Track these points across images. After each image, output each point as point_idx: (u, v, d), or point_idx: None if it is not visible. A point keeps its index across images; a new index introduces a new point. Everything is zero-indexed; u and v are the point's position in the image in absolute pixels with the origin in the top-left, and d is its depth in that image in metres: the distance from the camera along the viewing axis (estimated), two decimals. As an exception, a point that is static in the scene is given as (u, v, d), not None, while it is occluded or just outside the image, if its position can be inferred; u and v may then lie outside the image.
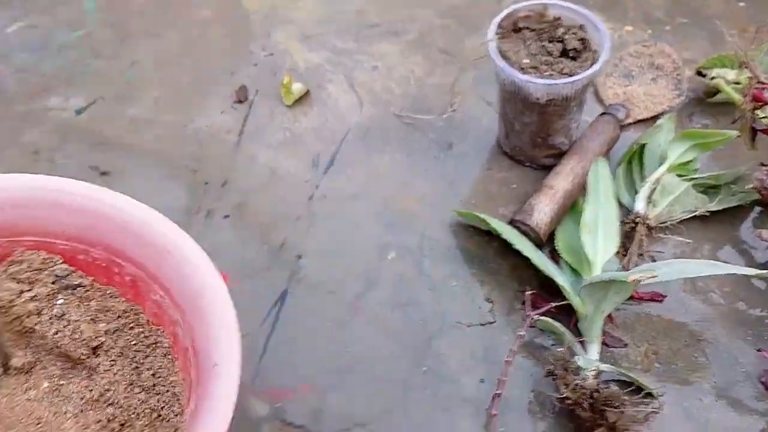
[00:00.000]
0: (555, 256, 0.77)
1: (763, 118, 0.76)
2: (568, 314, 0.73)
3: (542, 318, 0.69)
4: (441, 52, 1.02)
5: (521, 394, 0.69)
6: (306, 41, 1.04)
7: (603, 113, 0.85)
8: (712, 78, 0.90)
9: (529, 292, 0.72)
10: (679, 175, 0.80)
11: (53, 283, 0.61)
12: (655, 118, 0.90)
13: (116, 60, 1.01)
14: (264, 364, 0.72)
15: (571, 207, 0.79)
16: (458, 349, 0.72)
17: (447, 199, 0.85)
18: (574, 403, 0.64)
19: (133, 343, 0.60)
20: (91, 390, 0.57)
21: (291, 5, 1.09)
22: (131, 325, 0.61)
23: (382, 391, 0.69)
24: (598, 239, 0.72)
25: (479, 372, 0.70)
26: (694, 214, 0.78)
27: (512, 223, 0.77)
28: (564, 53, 0.78)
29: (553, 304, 0.71)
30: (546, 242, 0.77)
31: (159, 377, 0.59)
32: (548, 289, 0.75)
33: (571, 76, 0.75)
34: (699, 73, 0.92)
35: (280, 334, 0.74)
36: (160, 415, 0.57)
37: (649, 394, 0.67)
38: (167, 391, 0.58)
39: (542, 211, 0.75)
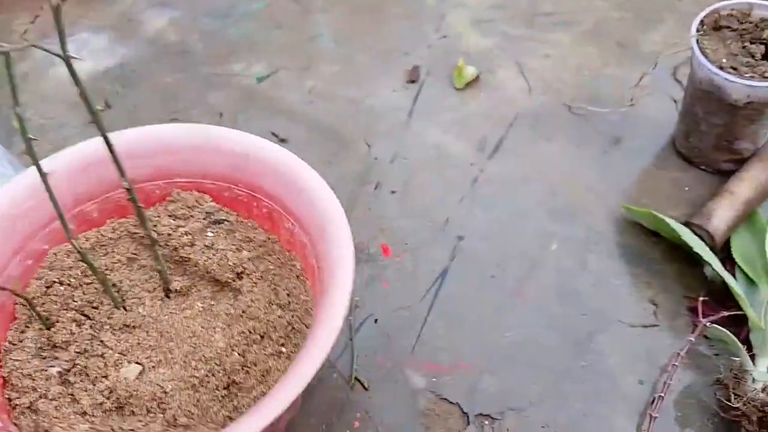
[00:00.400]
0: (727, 265, 0.74)
1: None
2: (735, 325, 0.71)
3: (714, 326, 0.67)
4: (617, 45, 1.00)
5: (679, 400, 0.68)
6: (478, 25, 1.05)
7: (792, 121, 0.81)
8: None
9: (701, 299, 0.70)
10: None
11: (204, 218, 0.68)
12: None
13: (297, 32, 1.06)
14: (422, 338, 0.74)
15: (749, 215, 0.76)
16: (619, 348, 0.72)
17: (615, 195, 0.84)
18: (741, 415, 0.62)
19: (272, 267, 0.67)
20: (236, 308, 0.63)
21: (466, -12, 1.10)
22: (270, 252, 0.68)
23: (539, 379, 0.70)
24: (784, 252, 0.70)
25: (639, 373, 0.70)
26: None
27: (687, 225, 0.75)
28: (766, 56, 0.74)
29: (727, 313, 0.69)
30: (719, 250, 0.75)
31: (293, 296, 0.65)
32: (716, 297, 0.73)
33: (773, 80, 0.72)
34: None
35: (440, 310, 0.76)
36: (293, 328, 0.63)
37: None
38: (300, 307, 0.64)
39: (721, 217, 0.73)
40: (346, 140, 0.92)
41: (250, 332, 0.61)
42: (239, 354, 0.60)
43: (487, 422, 0.68)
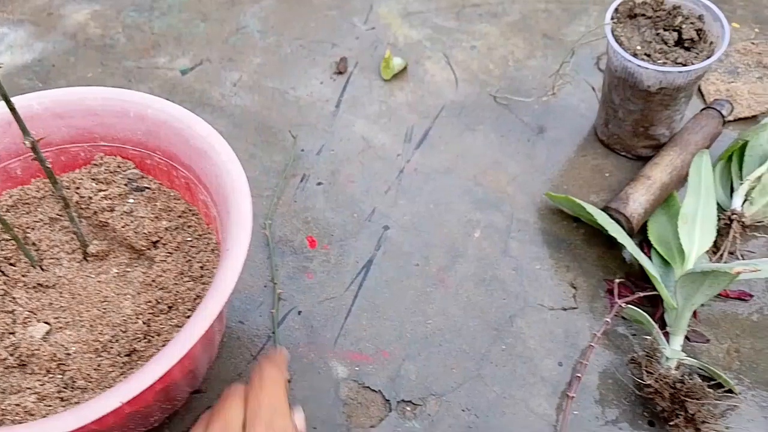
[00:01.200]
0: (644, 248, 0.76)
1: None
2: (652, 305, 0.73)
3: (629, 306, 0.69)
4: (542, 36, 1.02)
5: (597, 380, 0.69)
6: (407, 17, 1.05)
7: (707, 107, 0.83)
8: (825, 79, 0.86)
9: (618, 280, 0.71)
10: (782, 176, 0.78)
11: (126, 184, 0.69)
12: (756, 117, 0.87)
13: (223, 24, 1.05)
14: (346, 328, 0.74)
15: (665, 199, 0.78)
16: (539, 331, 0.72)
17: (537, 182, 0.85)
18: (654, 392, 0.63)
19: (189, 239, 0.67)
20: (148, 276, 0.64)
21: (394, -19, 1.11)
22: (189, 223, 0.68)
23: (460, 365, 0.70)
24: (696, 232, 0.71)
25: (558, 355, 0.71)
26: (793, 216, 0.76)
27: (606, 210, 0.76)
28: (678, 43, 0.76)
29: (642, 294, 0.70)
30: (636, 233, 0.77)
31: (206, 269, 0.65)
32: (634, 279, 0.75)
33: (685, 65, 0.73)
34: (810, 74, 0.89)
35: (364, 301, 0.76)
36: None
37: (729, 391, 0.65)
38: (212, 281, 0.63)
39: (638, 200, 0.75)
40: (271, 132, 0.91)
41: (158, 302, 0.62)
42: (143, 322, 0.60)
43: (408, 408, 0.68)
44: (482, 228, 0.81)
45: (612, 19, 0.78)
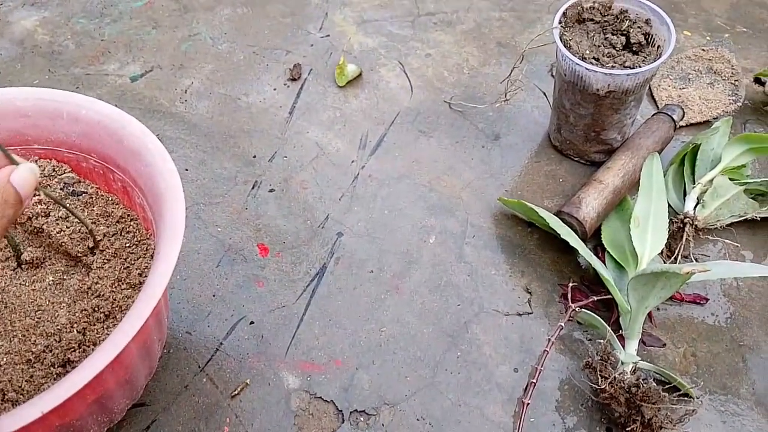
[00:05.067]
0: (599, 252, 0.76)
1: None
2: (608, 310, 0.72)
3: (584, 310, 0.68)
4: (496, 44, 1.02)
5: (554, 386, 0.68)
6: (362, 25, 1.04)
7: (658, 112, 0.84)
8: (772, 85, 0.88)
9: (572, 285, 0.71)
10: (731, 179, 0.78)
11: (62, 189, 0.66)
12: (708, 122, 0.88)
13: (175, 31, 1.03)
14: (298, 337, 0.72)
15: (619, 203, 0.78)
16: (494, 337, 0.71)
17: (492, 188, 0.84)
18: (609, 397, 0.63)
19: (127, 245, 0.65)
20: (84, 283, 0.61)
21: (349, -12, 1.10)
22: (127, 229, 0.66)
23: (414, 373, 0.69)
24: (648, 234, 0.71)
25: (513, 361, 0.70)
26: (743, 218, 0.76)
27: (559, 214, 0.76)
28: (627, 47, 0.76)
29: (596, 298, 0.70)
30: (590, 237, 0.76)
31: (144, 276, 0.63)
32: (588, 283, 0.75)
33: (633, 68, 0.73)
34: (757, 81, 0.90)
35: (316, 309, 0.74)
36: None
37: (686, 395, 0.65)
38: None
39: (590, 204, 0.74)
40: (222, 139, 0.89)
41: (94, 310, 0.59)
42: (78, 331, 0.58)
43: (362, 419, 0.66)
44: (437, 234, 0.80)
45: (560, 23, 0.78)
